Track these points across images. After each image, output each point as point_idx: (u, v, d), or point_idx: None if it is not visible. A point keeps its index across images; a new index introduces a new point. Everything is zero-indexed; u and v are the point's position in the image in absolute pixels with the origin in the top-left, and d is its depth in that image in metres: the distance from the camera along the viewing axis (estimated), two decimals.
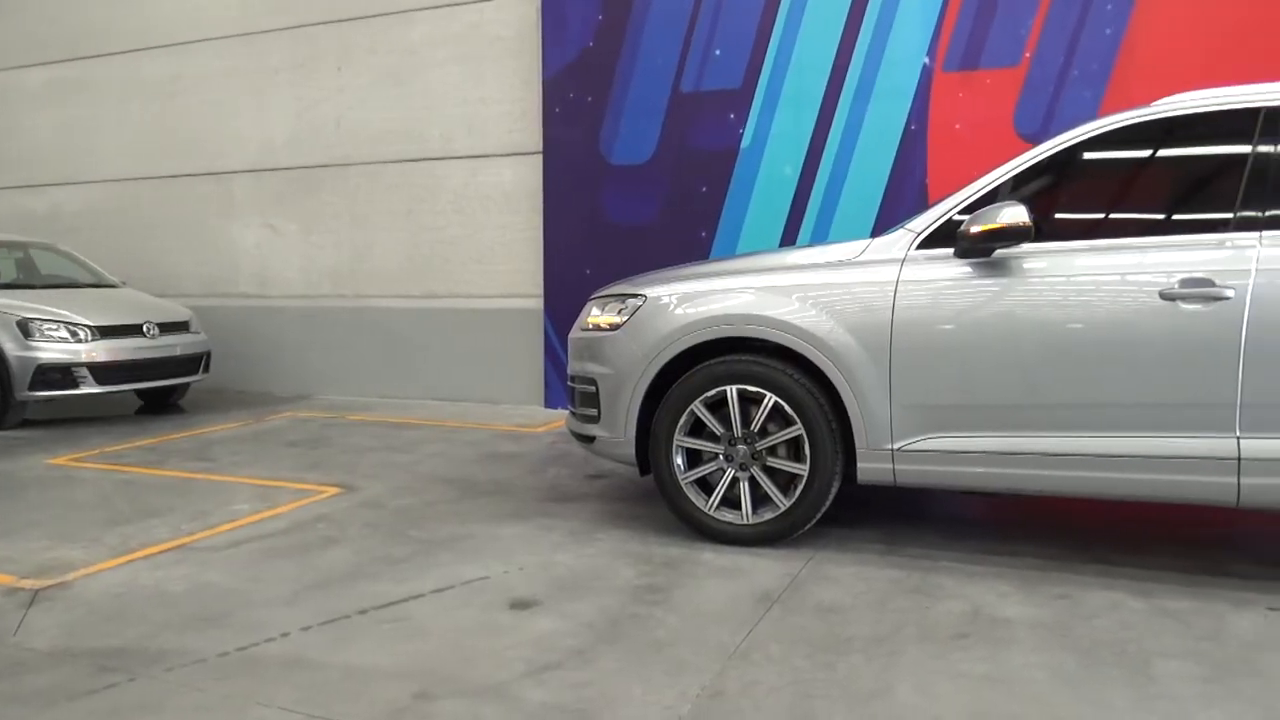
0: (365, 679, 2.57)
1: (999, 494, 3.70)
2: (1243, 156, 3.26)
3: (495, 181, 7.61)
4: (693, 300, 3.80)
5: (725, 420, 3.66)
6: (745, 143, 6.63)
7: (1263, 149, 3.22)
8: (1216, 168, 3.45)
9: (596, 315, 4.06)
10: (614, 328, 3.93)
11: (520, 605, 3.11)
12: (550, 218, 7.30)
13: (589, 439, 4.04)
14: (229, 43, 8.62)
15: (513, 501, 4.47)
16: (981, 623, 2.90)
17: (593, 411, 3.98)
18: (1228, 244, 3.17)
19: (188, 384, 7.51)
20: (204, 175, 8.85)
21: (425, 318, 7.94)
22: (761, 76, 6.57)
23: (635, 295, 3.94)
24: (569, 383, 4.21)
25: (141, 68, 9.07)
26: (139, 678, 2.59)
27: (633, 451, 3.86)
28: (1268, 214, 3.15)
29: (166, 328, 7.21)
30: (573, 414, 4.19)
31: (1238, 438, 3.09)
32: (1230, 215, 3.22)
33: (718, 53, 6.67)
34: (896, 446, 3.46)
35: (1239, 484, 3.10)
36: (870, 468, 3.51)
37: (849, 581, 3.29)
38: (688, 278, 3.94)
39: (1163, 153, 3.58)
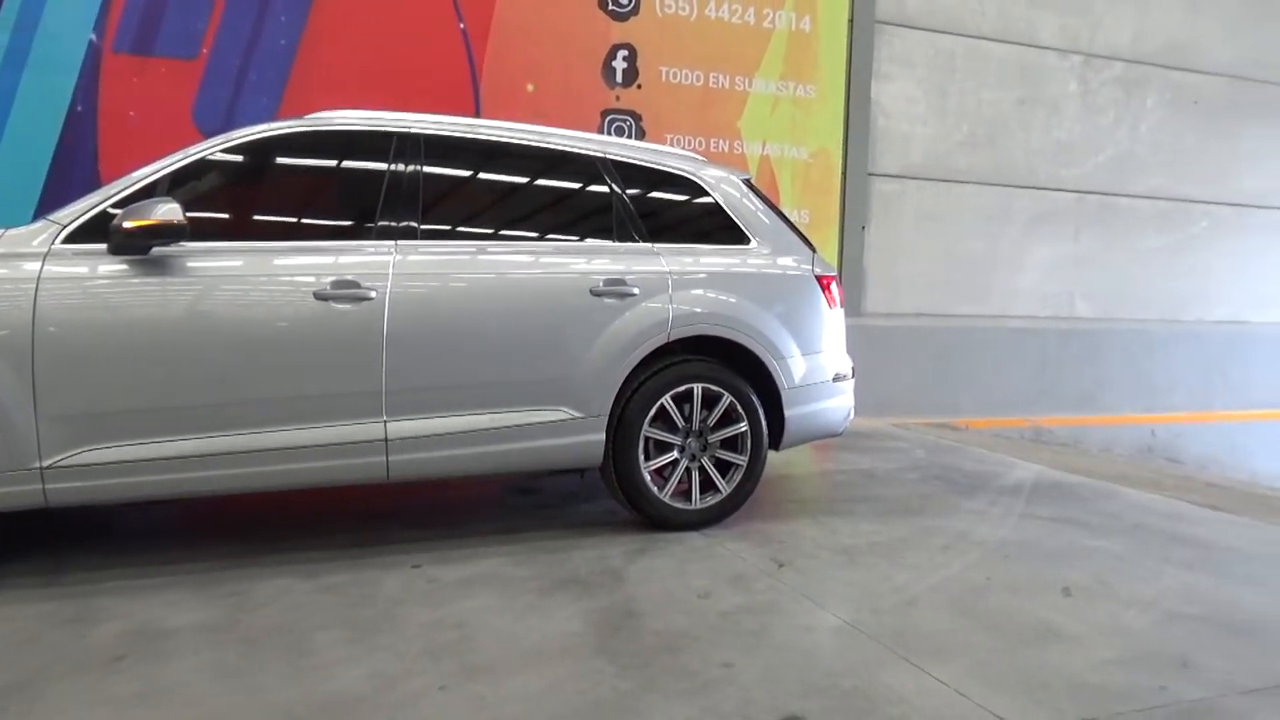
0: None
1: (177, 500, 3.59)
2: (381, 173, 3.70)
3: None
4: None
5: None
6: None
7: (395, 168, 3.71)
8: (361, 181, 3.84)
9: None
10: None
11: None
12: None
13: None
14: None
15: None
16: (143, 639, 2.76)
17: None
18: (370, 250, 3.56)
19: None
20: None
21: None
22: None
23: None
24: None
25: None
26: None
27: None
28: (401, 225, 3.64)
29: None
30: None
31: (384, 421, 3.51)
32: (373, 224, 3.63)
33: None
34: (47, 464, 3.09)
35: (388, 462, 3.53)
36: (12, 491, 3.06)
37: None
38: None
39: (316, 163, 3.86)
